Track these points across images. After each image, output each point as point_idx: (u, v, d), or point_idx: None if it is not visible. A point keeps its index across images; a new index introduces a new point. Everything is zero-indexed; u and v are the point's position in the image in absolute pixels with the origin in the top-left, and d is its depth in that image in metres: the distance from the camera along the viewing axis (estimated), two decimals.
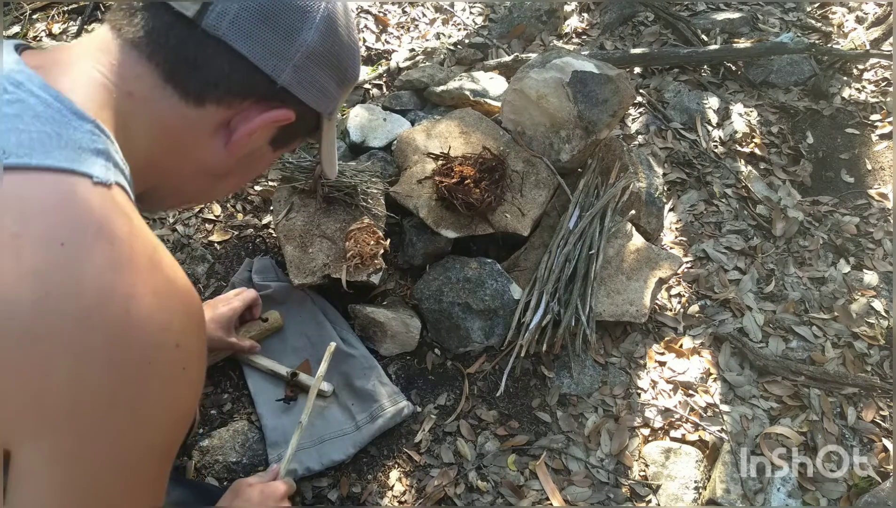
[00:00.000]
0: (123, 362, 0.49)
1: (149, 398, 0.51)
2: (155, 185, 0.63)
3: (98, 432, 0.49)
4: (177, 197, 0.69)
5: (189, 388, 0.55)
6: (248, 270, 1.55)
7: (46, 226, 0.48)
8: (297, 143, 0.74)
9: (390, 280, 1.59)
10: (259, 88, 0.62)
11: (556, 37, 2.40)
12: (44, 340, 0.47)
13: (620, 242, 1.58)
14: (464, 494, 1.30)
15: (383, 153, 1.76)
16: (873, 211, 1.87)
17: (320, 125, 0.73)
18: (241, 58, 0.60)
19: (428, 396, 1.44)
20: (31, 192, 0.49)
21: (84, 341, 0.48)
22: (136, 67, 0.58)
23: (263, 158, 0.72)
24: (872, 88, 2.21)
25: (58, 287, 0.47)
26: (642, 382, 1.47)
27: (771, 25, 2.44)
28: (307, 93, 0.66)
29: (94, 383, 0.48)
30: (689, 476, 1.31)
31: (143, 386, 0.50)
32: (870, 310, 1.62)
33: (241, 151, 0.65)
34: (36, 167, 0.49)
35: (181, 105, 0.60)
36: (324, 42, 0.64)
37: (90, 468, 0.50)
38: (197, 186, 0.68)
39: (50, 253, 0.47)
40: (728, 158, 1.98)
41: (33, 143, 0.50)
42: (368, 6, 2.44)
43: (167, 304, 0.52)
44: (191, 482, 1.23)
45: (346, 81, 0.71)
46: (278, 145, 0.71)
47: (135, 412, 0.51)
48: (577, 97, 1.56)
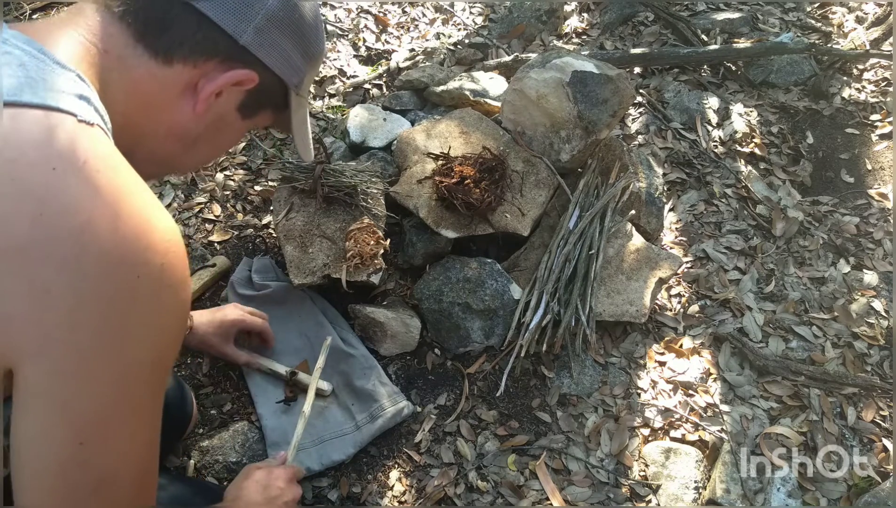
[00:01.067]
0: (114, 277, 0.53)
1: (139, 314, 0.55)
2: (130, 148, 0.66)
3: (95, 346, 0.53)
4: (151, 163, 0.72)
5: (176, 308, 0.58)
6: (248, 269, 1.55)
7: (39, 153, 0.52)
8: (265, 116, 0.77)
9: (390, 280, 1.59)
10: (222, 46, 0.66)
11: (556, 37, 2.40)
12: (40, 258, 0.50)
13: (620, 242, 1.58)
14: (464, 494, 1.30)
15: (383, 153, 1.76)
16: (873, 211, 1.87)
17: (289, 102, 0.76)
18: (206, 18, 0.64)
19: (428, 396, 1.44)
20: (23, 124, 0.53)
21: (77, 257, 0.51)
22: (110, 27, 0.63)
23: (232, 127, 0.75)
24: (872, 88, 2.21)
25: (51, 207, 0.51)
26: (642, 382, 1.47)
27: (771, 25, 2.44)
28: (269, 56, 0.70)
29: (90, 298, 0.52)
30: (689, 476, 1.31)
31: (133, 302, 0.54)
32: (870, 310, 1.62)
33: (208, 112, 0.69)
34: (26, 104, 0.53)
35: (151, 64, 0.64)
36: (284, 8, 0.69)
37: (89, 382, 0.53)
38: (169, 150, 0.72)
39: (43, 176, 0.51)
40: (728, 158, 1.98)
41: (22, 85, 0.54)
42: (368, 6, 2.44)
43: (150, 227, 0.56)
44: (191, 479, 1.23)
45: (310, 54, 0.75)
46: (246, 114, 0.74)
47: (127, 326, 0.54)
48: (577, 97, 1.56)
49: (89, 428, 0.54)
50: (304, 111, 0.81)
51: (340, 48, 2.28)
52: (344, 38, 2.32)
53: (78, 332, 0.52)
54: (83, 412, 0.53)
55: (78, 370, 0.52)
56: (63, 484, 0.54)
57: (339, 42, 2.30)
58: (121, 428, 0.56)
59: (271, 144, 1.94)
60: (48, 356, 0.51)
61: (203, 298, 1.55)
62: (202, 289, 1.54)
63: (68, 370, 0.52)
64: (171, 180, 1.79)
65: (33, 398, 0.52)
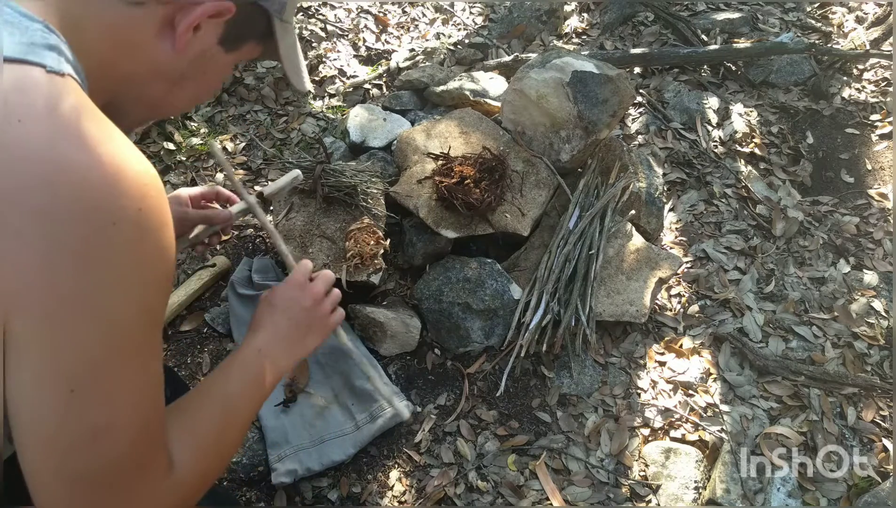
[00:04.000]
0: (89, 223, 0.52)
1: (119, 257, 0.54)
2: (116, 93, 0.65)
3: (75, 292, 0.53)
4: (139, 107, 0.71)
5: (158, 251, 0.57)
6: (248, 269, 1.55)
7: (4, 106, 0.52)
8: (251, 47, 0.76)
9: (390, 280, 1.59)
10: None
11: (556, 37, 2.40)
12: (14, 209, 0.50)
13: (620, 242, 1.58)
14: (464, 494, 1.30)
15: (383, 153, 1.76)
16: (873, 211, 1.87)
17: (273, 30, 0.74)
18: None
19: (428, 396, 1.44)
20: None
21: (51, 206, 0.51)
22: None
23: (217, 62, 0.73)
24: (872, 88, 2.21)
25: (19, 160, 0.51)
26: (642, 382, 1.47)
27: (771, 25, 2.44)
28: None
29: (67, 245, 0.52)
30: (689, 476, 1.31)
31: (112, 247, 0.54)
32: (870, 310, 1.62)
33: (188, 48, 0.68)
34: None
35: (121, 6, 0.63)
36: None
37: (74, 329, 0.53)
38: (155, 91, 0.71)
39: (10, 128, 0.51)
40: (728, 158, 1.98)
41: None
42: (368, 6, 2.44)
43: (124, 172, 0.55)
44: None
45: None
46: (229, 46, 0.72)
47: (107, 273, 0.54)
48: (577, 97, 1.56)
49: (79, 375, 0.54)
50: (292, 38, 0.79)
51: (340, 48, 2.28)
52: (344, 38, 2.32)
53: (56, 277, 0.51)
54: (71, 359, 0.53)
55: (61, 318, 0.52)
56: (59, 434, 0.54)
57: (339, 42, 2.30)
58: (112, 375, 0.56)
59: (271, 144, 1.94)
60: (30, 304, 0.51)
61: (203, 298, 1.55)
62: (202, 289, 1.54)
63: (52, 318, 0.52)
64: (171, 181, 1.79)
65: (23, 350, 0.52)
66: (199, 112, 2.02)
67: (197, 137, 1.93)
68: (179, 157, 1.86)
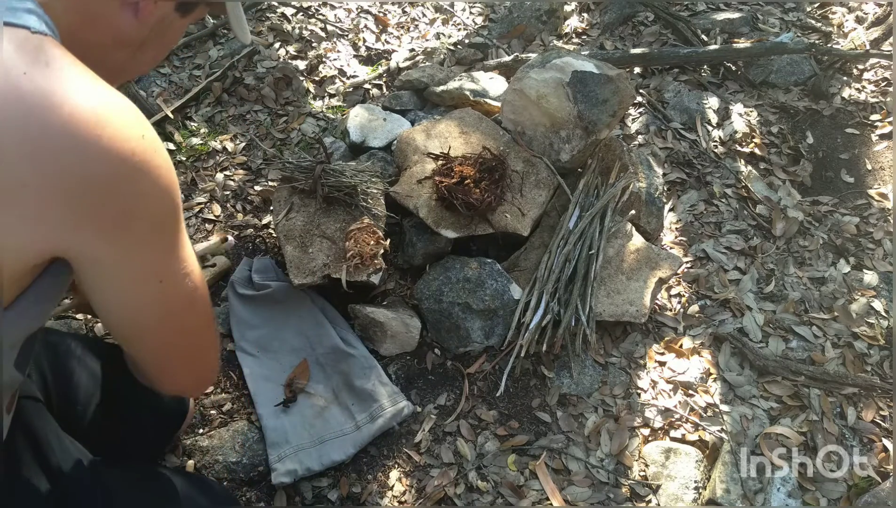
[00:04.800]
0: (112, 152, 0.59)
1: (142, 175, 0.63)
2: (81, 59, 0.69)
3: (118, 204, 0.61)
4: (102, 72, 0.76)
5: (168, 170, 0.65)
6: (248, 269, 1.55)
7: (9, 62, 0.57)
8: (201, 10, 0.81)
9: (390, 280, 1.59)
10: None
11: (556, 37, 2.40)
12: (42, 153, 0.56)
13: (620, 242, 1.58)
14: (464, 494, 1.30)
15: (383, 153, 1.76)
16: (873, 211, 1.87)
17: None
18: None
19: (428, 396, 1.44)
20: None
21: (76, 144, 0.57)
22: None
23: (173, 26, 0.79)
24: (872, 88, 2.21)
25: (35, 108, 0.56)
26: (642, 382, 1.47)
27: (771, 25, 2.44)
28: None
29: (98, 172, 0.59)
30: (689, 476, 1.31)
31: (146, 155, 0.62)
32: (870, 310, 1.62)
33: (150, 17, 0.73)
34: None
35: None
36: None
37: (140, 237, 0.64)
38: (117, 58, 0.76)
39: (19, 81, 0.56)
40: (728, 158, 1.98)
41: None
42: (368, 6, 2.44)
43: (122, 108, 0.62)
44: (190, 474, 1.22)
45: None
46: (185, 11, 0.78)
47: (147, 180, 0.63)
48: (577, 97, 1.56)
49: (157, 269, 0.68)
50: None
51: (340, 48, 2.28)
52: (344, 38, 2.32)
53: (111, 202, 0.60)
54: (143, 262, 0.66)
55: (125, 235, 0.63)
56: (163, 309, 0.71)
57: (339, 42, 2.30)
58: (177, 261, 0.69)
59: (271, 144, 1.94)
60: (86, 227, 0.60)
61: None
62: None
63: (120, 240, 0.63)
64: None
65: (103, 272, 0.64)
66: (199, 112, 2.02)
67: (197, 137, 1.93)
68: (179, 157, 1.86)
